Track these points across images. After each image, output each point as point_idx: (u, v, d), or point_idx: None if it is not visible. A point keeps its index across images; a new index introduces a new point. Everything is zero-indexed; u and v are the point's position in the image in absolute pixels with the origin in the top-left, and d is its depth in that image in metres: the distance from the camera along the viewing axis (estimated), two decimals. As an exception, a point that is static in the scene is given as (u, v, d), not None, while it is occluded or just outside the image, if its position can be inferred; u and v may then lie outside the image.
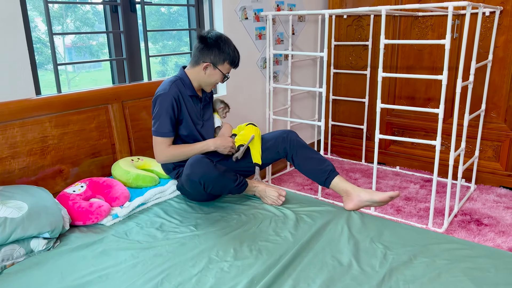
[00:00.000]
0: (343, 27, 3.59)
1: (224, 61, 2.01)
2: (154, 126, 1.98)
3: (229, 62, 2.03)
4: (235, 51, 2.03)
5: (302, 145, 2.09)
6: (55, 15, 2.40)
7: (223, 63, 2.01)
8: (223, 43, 1.99)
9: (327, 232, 1.71)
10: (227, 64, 2.03)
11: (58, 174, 2.05)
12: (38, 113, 1.96)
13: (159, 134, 1.97)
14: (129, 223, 1.81)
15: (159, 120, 1.96)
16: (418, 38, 3.19)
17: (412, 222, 2.57)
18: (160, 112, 1.96)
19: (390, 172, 3.40)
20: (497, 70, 2.91)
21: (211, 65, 2.01)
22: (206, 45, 1.99)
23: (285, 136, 2.10)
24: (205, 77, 2.04)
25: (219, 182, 1.85)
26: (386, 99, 3.44)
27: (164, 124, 1.96)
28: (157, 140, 1.99)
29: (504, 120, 2.97)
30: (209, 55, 1.99)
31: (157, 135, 1.98)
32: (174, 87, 1.98)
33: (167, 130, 1.96)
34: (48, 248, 1.60)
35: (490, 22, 2.87)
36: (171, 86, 1.98)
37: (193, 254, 1.56)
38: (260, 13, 3.13)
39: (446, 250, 1.57)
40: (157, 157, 2.02)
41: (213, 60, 2.00)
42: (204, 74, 2.03)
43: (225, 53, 1.99)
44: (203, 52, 2.00)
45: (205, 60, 2.00)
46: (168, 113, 1.95)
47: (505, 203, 2.78)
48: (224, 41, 2.00)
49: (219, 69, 2.02)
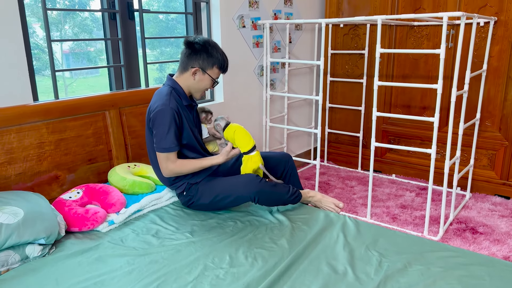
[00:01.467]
0: (339, 36, 3.62)
1: (213, 65, 1.98)
2: (159, 143, 1.90)
3: (218, 66, 2.00)
4: (223, 55, 2.01)
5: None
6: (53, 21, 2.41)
7: (212, 68, 1.98)
8: (211, 48, 1.96)
9: (323, 240, 1.72)
10: (216, 69, 2.00)
11: (55, 180, 2.05)
12: (35, 119, 1.96)
13: (165, 150, 1.90)
14: (125, 230, 1.81)
15: (163, 135, 1.89)
16: (413, 47, 3.22)
17: (408, 230, 2.58)
18: (163, 128, 1.88)
19: (386, 180, 3.42)
20: (491, 79, 2.94)
21: (200, 70, 1.97)
22: (194, 50, 1.95)
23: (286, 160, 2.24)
24: (195, 83, 2.00)
25: (273, 196, 1.95)
26: (382, 107, 3.47)
27: (169, 140, 1.89)
28: (161, 156, 1.92)
29: (498, 129, 2.99)
30: (197, 60, 1.96)
31: (163, 151, 1.91)
32: (172, 99, 1.92)
33: (173, 144, 1.90)
34: (44, 255, 1.60)
35: (485, 32, 2.91)
36: (170, 99, 1.92)
37: (188, 261, 1.56)
38: (257, 22, 3.16)
39: (441, 258, 1.58)
40: (163, 172, 1.96)
41: (202, 65, 1.96)
42: (194, 80, 1.99)
43: (214, 57, 1.96)
44: (191, 57, 1.96)
45: (194, 65, 1.96)
46: (172, 127, 1.89)
47: (500, 212, 2.80)
48: (212, 46, 1.97)
49: (208, 74, 1.98)
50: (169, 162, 1.92)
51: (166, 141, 1.89)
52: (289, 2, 3.44)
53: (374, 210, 2.86)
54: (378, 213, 2.81)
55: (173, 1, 2.99)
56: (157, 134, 1.91)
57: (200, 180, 2.02)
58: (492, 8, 2.84)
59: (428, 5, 3.10)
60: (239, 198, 1.93)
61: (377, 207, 2.90)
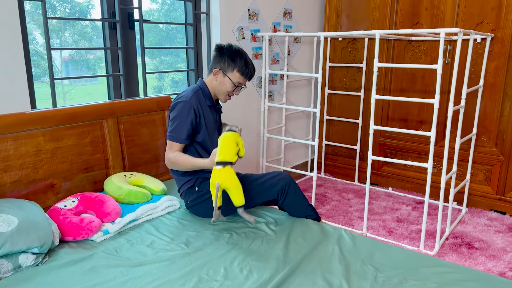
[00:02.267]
0: (338, 49, 3.65)
1: (234, 69, 2.05)
2: (169, 131, 1.99)
3: (239, 70, 2.05)
4: (247, 62, 2.07)
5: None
6: (54, 28, 2.42)
7: (232, 71, 2.05)
8: (234, 53, 2.05)
9: (318, 253, 1.71)
10: (237, 73, 2.06)
11: (50, 189, 2.04)
12: (32, 127, 1.96)
13: (171, 138, 1.98)
14: (120, 240, 1.80)
15: (175, 125, 1.97)
16: (411, 61, 3.25)
17: (404, 244, 2.57)
18: (178, 118, 1.97)
19: (382, 193, 3.42)
20: (488, 95, 2.97)
21: (220, 72, 2.06)
22: (219, 53, 2.06)
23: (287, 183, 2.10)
24: (216, 84, 2.09)
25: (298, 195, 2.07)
26: (379, 120, 3.48)
27: (179, 130, 1.96)
28: (169, 144, 2.00)
29: (495, 144, 3.01)
30: (219, 62, 2.06)
31: (169, 139, 1.99)
32: (195, 97, 2.02)
33: (182, 136, 1.96)
34: (37, 264, 1.58)
35: (481, 49, 2.93)
36: (193, 95, 2.02)
37: (183, 272, 1.54)
38: (257, 34, 3.18)
39: (436, 274, 1.57)
40: (165, 161, 2.02)
41: (223, 67, 2.05)
42: (215, 82, 2.08)
43: (235, 62, 2.04)
44: (215, 59, 2.08)
45: (216, 67, 2.07)
46: (187, 120, 1.97)
47: (496, 227, 2.80)
48: (236, 52, 2.06)
49: (228, 77, 2.06)
50: (169, 151, 1.99)
51: (175, 130, 1.97)
52: (288, 15, 3.47)
53: (371, 223, 2.85)
54: (374, 226, 2.81)
55: (173, 10, 3.01)
56: (170, 123, 2.00)
57: None
58: (489, 25, 2.88)
59: (426, 21, 3.13)
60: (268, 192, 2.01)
61: (373, 220, 2.90)
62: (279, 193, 2.04)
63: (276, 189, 2.03)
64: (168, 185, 2.41)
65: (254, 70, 2.14)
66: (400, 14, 3.24)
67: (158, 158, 2.54)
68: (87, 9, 2.52)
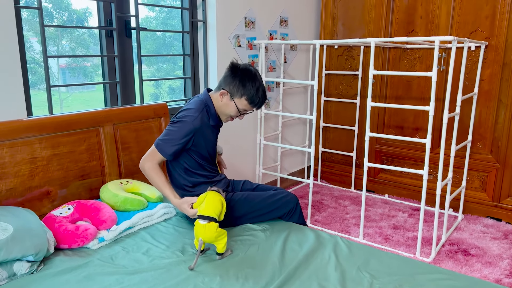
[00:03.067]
0: (334, 57, 3.67)
1: (242, 96, 1.94)
2: (161, 139, 1.92)
3: (247, 99, 1.94)
4: (259, 90, 1.94)
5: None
6: (51, 35, 2.43)
7: (240, 97, 1.94)
8: (247, 78, 1.92)
9: (314, 260, 1.71)
10: (244, 100, 1.95)
11: (46, 196, 2.03)
12: (29, 134, 1.96)
13: (157, 147, 1.92)
14: (115, 247, 1.79)
15: (167, 138, 1.91)
16: (406, 69, 3.28)
17: (400, 251, 2.57)
18: (173, 134, 1.90)
19: (379, 200, 3.42)
20: (482, 102, 2.99)
21: (228, 95, 1.95)
22: (232, 73, 1.94)
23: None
24: (221, 105, 1.99)
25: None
26: (375, 127, 3.50)
27: (168, 145, 1.90)
28: (152, 149, 1.93)
29: (490, 151, 3.02)
30: (229, 84, 1.94)
31: (155, 146, 1.92)
32: (199, 119, 1.92)
33: (168, 151, 1.91)
34: (32, 272, 1.57)
35: (476, 56, 2.96)
36: (197, 117, 1.92)
37: (178, 280, 1.54)
38: (253, 41, 3.20)
39: (432, 280, 1.57)
40: (141, 160, 1.95)
41: (231, 90, 1.94)
42: (221, 102, 1.98)
43: (246, 89, 1.92)
44: (226, 79, 1.96)
45: (225, 88, 1.96)
46: (180, 141, 1.90)
47: (492, 234, 2.80)
48: (250, 77, 1.92)
49: (234, 102, 1.95)
50: (150, 158, 1.92)
51: (166, 145, 1.91)
52: (284, 23, 3.49)
53: (367, 230, 2.85)
54: (370, 233, 2.81)
55: (170, 18, 3.03)
56: (165, 133, 1.93)
57: None
58: (483, 33, 2.91)
59: (421, 29, 3.16)
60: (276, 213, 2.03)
61: (369, 227, 2.90)
62: (286, 214, 2.09)
63: (284, 211, 2.08)
64: (164, 192, 2.40)
65: (265, 98, 2.00)
66: (395, 22, 3.28)
67: (154, 165, 2.54)
68: (84, 17, 2.53)
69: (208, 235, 1.68)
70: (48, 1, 2.32)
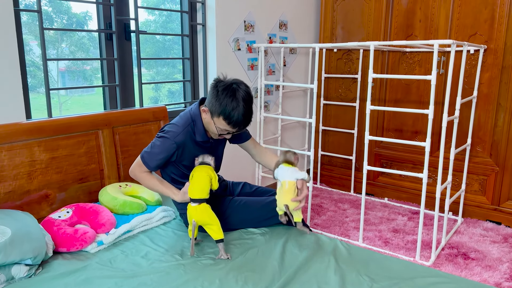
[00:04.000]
0: (333, 60, 3.68)
1: (219, 114, 1.76)
2: (146, 151, 1.89)
3: (224, 118, 1.75)
4: (235, 109, 1.73)
5: None
6: (50, 39, 2.43)
7: (218, 117, 1.77)
8: (224, 96, 1.73)
9: (314, 263, 1.70)
10: (222, 120, 1.76)
11: (44, 199, 2.03)
12: (27, 137, 1.95)
13: (142, 159, 1.89)
14: (114, 251, 1.78)
15: (150, 151, 1.88)
16: (405, 72, 3.28)
17: (400, 254, 2.56)
18: (156, 148, 1.87)
19: (378, 204, 3.42)
20: (482, 105, 2.99)
21: (209, 113, 1.81)
22: (212, 90, 1.79)
23: None
24: (205, 122, 1.87)
25: None
26: (374, 131, 3.50)
27: (151, 159, 1.87)
28: (138, 160, 1.91)
29: (489, 154, 3.02)
30: (209, 102, 1.79)
31: (141, 159, 1.89)
32: (182, 135, 1.85)
33: (151, 164, 1.88)
34: (30, 275, 1.56)
35: (475, 60, 2.97)
36: (180, 133, 1.85)
37: (177, 283, 1.53)
38: (252, 45, 3.21)
39: (432, 284, 1.57)
40: (130, 169, 1.93)
41: (211, 108, 1.79)
42: (204, 118, 1.87)
43: (222, 108, 1.73)
44: (208, 95, 1.81)
45: (206, 105, 1.82)
46: (161, 155, 1.86)
47: (492, 237, 2.80)
48: (228, 95, 1.73)
49: (213, 120, 1.81)
50: (139, 169, 1.90)
51: (149, 158, 1.88)
52: (284, 26, 3.50)
53: (367, 233, 2.85)
54: (370, 236, 2.80)
55: (170, 22, 3.04)
56: (150, 145, 1.90)
57: None
58: (482, 37, 2.91)
59: (420, 32, 3.17)
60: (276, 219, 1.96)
61: (369, 230, 2.89)
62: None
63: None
64: (163, 196, 2.40)
65: (247, 119, 1.77)
66: (394, 26, 3.28)
67: (153, 168, 2.53)
68: (84, 20, 2.54)
69: (199, 215, 1.69)
70: (48, 5, 2.33)
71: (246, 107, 1.76)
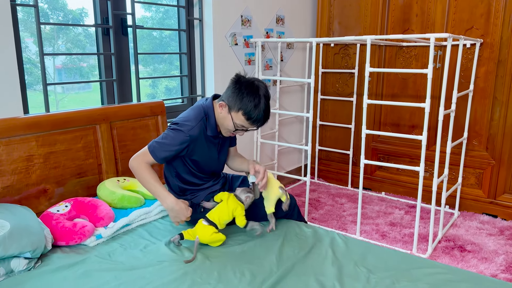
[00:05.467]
0: (330, 55, 3.68)
1: (239, 110, 1.80)
2: (156, 142, 1.84)
3: (244, 114, 1.80)
4: (258, 106, 1.79)
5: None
6: (46, 36, 2.42)
7: (237, 111, 1.81)
8: (247, 92, 1.79)
9: (311, 255, 1.72)
10: (241, 115, 1.81)
11: (43, 194, 2.03)
12: (25, 132, 1.96)
13: (149, 149, 1.83)
14: (113, 244, 1.79)
15: (161, 142, 1.83)
16: (402, 67, 3.29)
17: (397, 247, 2.58)
18: (168, 139, 1.83)
19: (375, 198, 3.43)
20: (478, 99, 3.01)
21: (226, 107, 1.84)
22: (233, 85, 1.83)
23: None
24: (220, 117, 1.88)
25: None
26: (371, 125, 3.51)
27: (161, 150, 1.83)
28: (144, 150, 1.85)
29: (485, 148, 3.04)
30: (229, 96, 1.83)
31: (148, 149, 1.84)
32: (196, 129, 1.85)
33: (159, 156, 1.83)
34: (29, 269, 1.57)
35: (471, 54, 2.98)
36: (194, 127, 1.84)
37: (176, 276, 1.54)
38: (249, 40, 3.21)
39: (429, 275, 1.58)
40: (132, 158, 1.86)
41: (230, 103, 1.82)
42: (220, 113, 1.88)
43: (243, 103, 1.79)
44: (227, 90, 1.85)
45: (225, 99, 1.85)
46: (173, 148, 1.83)
47: (488, 230, 2.82)
48: (251, 90, 1.79)
49: (231, 115, 1.83)
50: (143, 158, 1.83)
51: (158, 149, 1.83)
52: (281, 21, 3.50)
53: (364, 227, 2.86)
54: (367, 230, 2.82)
55: (167, 18, 3.03)
56: (163, 136, 1.85)
57: None
58: (478, 31, 2.92)
59: (417, 27, 3.18)
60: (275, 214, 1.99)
61: (366, 224, 2.91)
62: (283, 216, 2.09)
63: (281, 214, 2.06)
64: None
65: (267, 117, 1.85)
66: (391, 20, 3.29)
67: (151, 163, 2.54)
68: (80, 17, 2.53)
69: (205, 237, 1.76)
70: (43, 2, 2.32)
71: (267, 104, 1.83)
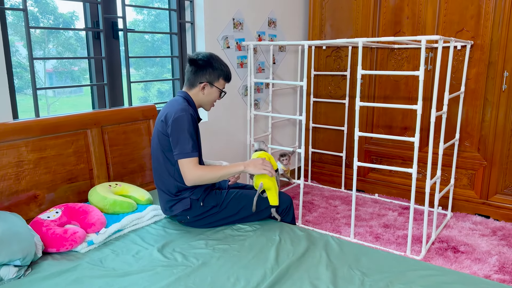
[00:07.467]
0: (322, 58, 3.69)
1: (219, 77, 2.08)
2: (183, 148, 1.89)
3: (223, 77, 2.10)
4: (225, 66, 2.11)
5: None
6: (36, 40, 2.40)
7: (218, 80, 2.08)
8: (214, 61, 2.06)
9: (306, 259, 1.71)
10: (222, 80, 2.10)
11: (33, 200, 2.00)
12: (15, 137, 1.93)
13: (184, 156, 1.89)
14: (105, 250, 1.77)
15: (186, 141, 1.90)
16: (394, 69, 3.30)
17: (391, 249, 2.58)
18: (183, 134, 1.90)
19: (369, 200, 3.44)
20: (469, 101, 3.02)
21: (208, 84, 2.06)
22: (199, 67, 2.04)
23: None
24: (204, 97, 2.09)
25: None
26: (364, 127, 3.52)
27: (187, 144, 1.89)
28: (185, 162, 1.90)
29: (477, 149, 3.06)
30: (204, 75, 2.05)
31: (183, 157, 1.89)
32: (190, 109, 1.98)
33: (195, 150, 1.91)
34: (19, 276, 1.54)
35: (462, 56, 3.00)
36: (189, 108, 1.97)
37: (169, 281, 1.53)
38: (241, 43, 3.20)
39: (422, 277, 1.58)
40: (188, 179, 1.91)
41: (209, 79, 2.06)
42: (203, 94, 2.08)
43: (219, 70, 2.06)
44: (197, 73, 2.05)
45: (202, 81, 2.05)
46: (190, 132, 1.91)
47: (481, 231, 2.83)
48: (215, 59, 2.07)
49: (216, 86, 2.09)
50: (195, 168, 1.90)
51: (183, 147, 1.90)
52: (273, 24, 3.50)
53: (358, 229, 2.86)
54: (361, 232, 2.82)
55: (159, 22, 3.02)
56: (179, 141, 1.90)
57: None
58: (468, 33, 2.95)
59: (408, 29, 3.20)
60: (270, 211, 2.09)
61: (360, 226, 2.91)
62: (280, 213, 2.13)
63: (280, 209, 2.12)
64: (153, 194, 2.39)
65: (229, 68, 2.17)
66: (382, 23, 3.30)
67: (143, 167, 2.52)
68: (71, 21, 2.51)
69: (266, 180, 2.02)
70: (33, 5, 2.30)
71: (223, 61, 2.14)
